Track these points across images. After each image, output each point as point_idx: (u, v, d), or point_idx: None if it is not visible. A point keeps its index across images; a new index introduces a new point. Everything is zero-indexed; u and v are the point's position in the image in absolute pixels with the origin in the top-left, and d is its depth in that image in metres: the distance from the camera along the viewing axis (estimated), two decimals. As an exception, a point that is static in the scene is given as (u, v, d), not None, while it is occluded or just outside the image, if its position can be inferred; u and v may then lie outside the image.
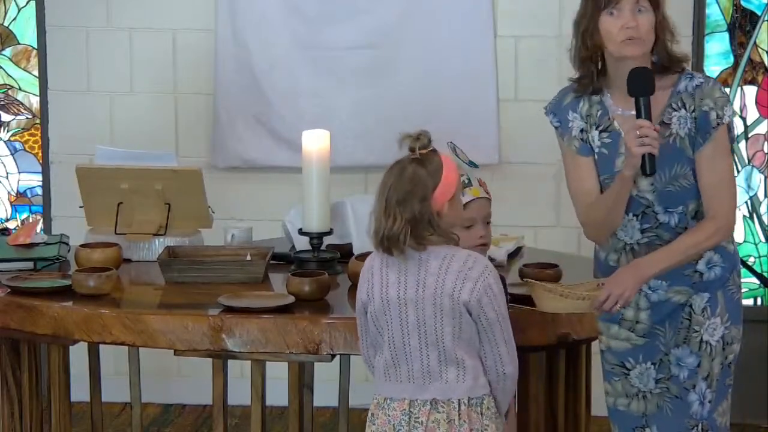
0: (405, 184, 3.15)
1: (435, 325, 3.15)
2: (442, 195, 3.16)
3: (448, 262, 3.15)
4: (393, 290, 3.17)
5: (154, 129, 5.62)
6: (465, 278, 3.13)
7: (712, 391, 3.29)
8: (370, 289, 3.21)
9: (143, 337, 3.71)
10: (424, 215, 3.13)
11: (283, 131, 5.48)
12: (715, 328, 3.30)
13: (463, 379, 3.17)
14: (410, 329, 3.17)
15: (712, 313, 3.30)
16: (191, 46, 5.59)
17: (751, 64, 5.46)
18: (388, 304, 3.18)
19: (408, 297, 3.16)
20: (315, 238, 4.14)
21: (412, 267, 3.17)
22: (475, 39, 5.46)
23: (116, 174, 4.34)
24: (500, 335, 3.18)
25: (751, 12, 5.44)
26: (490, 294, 3.14)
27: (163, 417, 5.57)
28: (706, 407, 3.30)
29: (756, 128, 5.48)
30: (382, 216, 3.16)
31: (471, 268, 3.14)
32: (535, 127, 5.25)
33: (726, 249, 3.30)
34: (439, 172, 3.16)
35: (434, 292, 3.14)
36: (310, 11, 5.49)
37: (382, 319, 3.20)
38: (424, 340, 3.17)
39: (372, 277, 3.22)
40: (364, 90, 5.49)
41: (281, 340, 3.63)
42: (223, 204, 4.89)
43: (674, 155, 3.26)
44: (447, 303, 3.13)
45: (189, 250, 4.24)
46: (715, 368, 3.29)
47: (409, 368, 3.19)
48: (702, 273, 3.30)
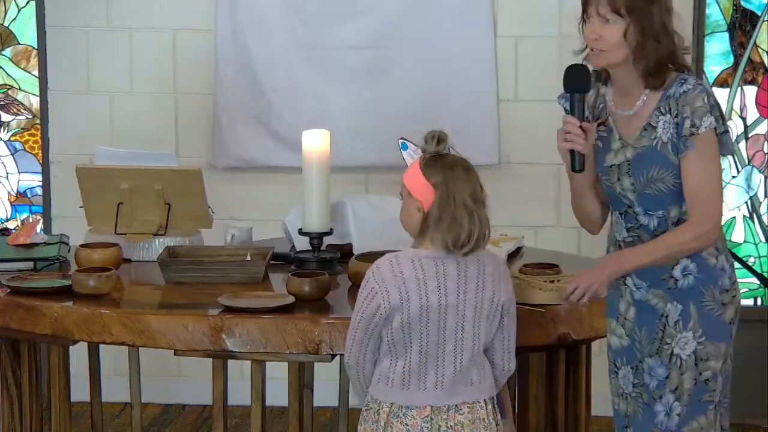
0: (474, 185, 3.16)
1: (474, 329, 3.17)
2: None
3: (483, 266, 3.18)
4: (434, 297, 3.15)
5: (154, 129, 5.61)
6: (500, 279, 3.18)
7: (683, 405, 3.26)
8: (405, 296, 3.16)
9: (143, 337, 3.71)
10: (486, 217, 3.18)
11: (283, 131, 5.48)
12: (687, 342, 3.27)
13: (484, 379, 3.22)
14: (447, 335, 3.17)
15: (684, 327, 3.27)
16: (191, 46, 5.59)
17: (751, 64, 5.46)
18: (427, 311, 3.16)
19: (449, 303, 3.15)
20: (315, 238, 4.13)
21: (451, 272, 3.16)
22: (475, 39, 5.46)
23: (116, 174, 4.34)
24: (514, 331, 3.23)
25: (751, 12, 5.44)
26: (511, 289, 3.22)
27: (163, 417, 5.57)
28: (673, 420, 3.28)
29: (756, 128, 5.48)
30: (464, 217, 3.12)
31: (498, 266, 3.20)
32: (535, 127, 5.26)
33: (706, 261, 3.26)
34: (474, 172, 3.21)
35: (475, 296, 3.16)
36: (311, 11, 5.49)
37: (416, 327, 3.17)
38: (460, 346, 3.18)
39: (405, 284, 3.16)
40: (365, 90, 5.49)
41: (281, 340, 3.63)
42: (223, 204, 4.89)
43: (655, 158, 3.26)
44: (487, 306, 3.16)
45: (189, 250, 4.23)
46: (686, 383, 3.26)
47: (439, 375, 3.18)
48: (677, 279, 3.28)
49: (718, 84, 5.47)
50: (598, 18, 3.24)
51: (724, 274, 3.28)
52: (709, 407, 3.26)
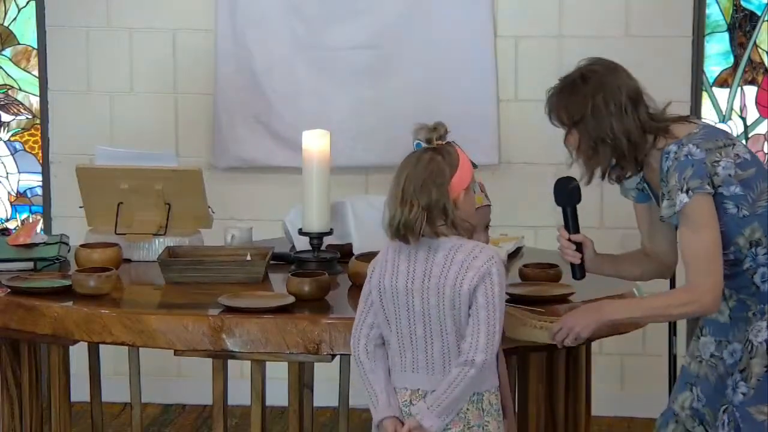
0: (422, 172, 3.18)
1: (439, 315, 3.17)
2: (459, 183, 3.19)
3: (454, 253, 3.17)
4: (402, 279, 3.20)
5: (154, 129, 5.62)
6: (468, 268, 3.15)
7: (749, 387, 3.32)
8: (382, 277, 3.24)
9: (143, 337, 3.71)
10: (440, 202, 3.16)
11: (283, 131, 5.48)
12: (760, 330, 3.33)
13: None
14: (416, 319, 3.19)
15: (761, 317, 3.34)
16: (191, 46, 5.60)
17: (751, 64, 5.46)
18: (397, 293, 3.20)
19: (415, 287, 3.18)
20: (315, 238, 4.13)
21: (421, 257, 3.19)
22: (475, 39, 5.46)
23: (116, 174, 4.34)
24: (484, 321, 3.15)
25: (751, 12, 5.44)
26: (487, 280, 3.14)
27: (163, 417, 5.57)
28: (738, 396, 3.34)
29: (756, 128, 5.48)
30: (398, 204, 3.18)
31: (476, 257, 3.16)
32: (535, 127, 5.25)
33: None
34: (457, 160, 3.21)
35: (438, 282, 3.16)
36: (311, 11, 5.49)
37: (390, 309, 3.22)
38: (429, 331, 3.19)
39: (385, 265, 3.24)
40: (365, 90, 5.49)
41: (281, 340, 3.63)
42: (223, 204, 4.90)
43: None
44: (449, 293, 3.15)
45: (189, 250, 4.23)
46: (755, 367, 3.32)
47: (414, 358, 3.21)
48: (758, 286, 3.35)
49: (718, 84, 5.47)
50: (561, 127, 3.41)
51: None
52: None
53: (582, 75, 3.36)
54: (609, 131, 3.31)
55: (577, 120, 3.33)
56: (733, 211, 3.30)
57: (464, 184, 3.21)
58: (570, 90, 3.35)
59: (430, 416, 3.16)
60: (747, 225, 3.31)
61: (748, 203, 3.30)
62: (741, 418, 3.32)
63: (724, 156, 3.28)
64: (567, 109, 3.34)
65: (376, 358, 3.28)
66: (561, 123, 3.38)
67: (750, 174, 3.30)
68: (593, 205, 5.21)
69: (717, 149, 3.29)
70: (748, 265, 3.34)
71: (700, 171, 3.26)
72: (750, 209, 3.30)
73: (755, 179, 3.31)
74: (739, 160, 3.30)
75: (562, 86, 3.38)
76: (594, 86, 3.32)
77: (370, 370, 3.28)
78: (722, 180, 3.27)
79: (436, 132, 3.23)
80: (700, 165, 3.26)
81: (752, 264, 3.33)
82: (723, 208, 3.29)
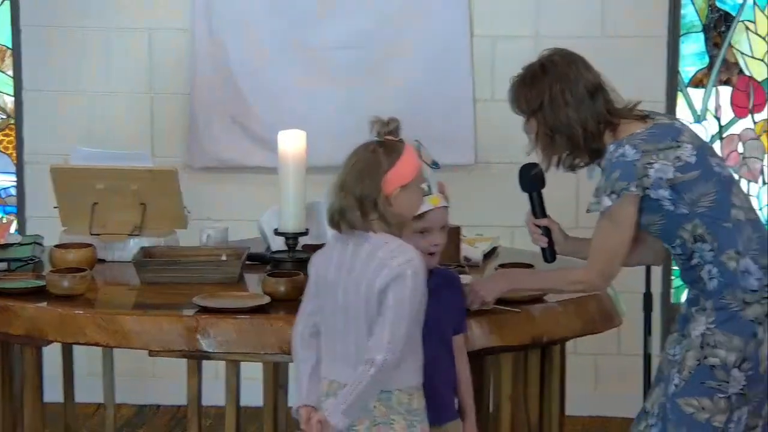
0: (360, 162, 3.22)
1: (356, 310, 3.19)
2: (394, 179, 3.19)
3: (377, 250, 3.18)
4: (332, 270, 3.24)
5: (129, 129, 5.60)
6: (384, 266, 3.16)
7: (681, 379, 3.36)
8: (319, 266, 3.29)
9: (117, 338, 3.69)
10: (371, 195, 3.18)
11: (260, 131, 5.47)
12: (698, 324, 3.36)
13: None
14: (338, 310, 3.22)
15: (702, 313, 3.37)
16: (168, 45, 5.58)
17: (726, 64, 5.48)
18: (327, 283, 3.24)
19: (340, 278, 3.21)
20: (291, 238, 4.13)
21: (350, 250, 3.22)
22: (452, 39, 5.46)
23: (91, 174, 4.33)
24: (389, 321, 3.14)
25: (726, 12, 5.46)
26: (399, 282, 3.14)
27: (137, 418, 5.56)
28: (671, 388, 3.38)
29: (730, 128, 5.50)
30: (336, 192, 3.22)
31: (394, 257, 3.16)
32: (512, 128, 5.24)
33: (725, 265, 3.35)
34: (397, 157, 3.22)
35: (358, 276, 3.18)
36: (288, 11, 5.48)
37: (322, 298, 3.27)
38: (347, 324, 3.21)
39: (324, 254, 3.30)
40: (342, 90, 5.49)
41: (256, 341, 3.63)
42: (198, 204, 4.88)
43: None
44: (364, 289, 3.16)
45: (164, 250, 4.22)
46: (688, 360, 3.35)
47: (335, 349, 3.24)
48: (705, 282, 3.38)
49: (693, 84, 5.49)
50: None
51: (750, 275, 3.34)
52: (717, 394, 3.32)
53: (542, 65, 3.46)
54: (565, 121, 3.39)
55: (535, 109, 3.42)
56: (670, 208, 3.35)
57: (402, 182, 3.20)
58: (530, 80, 3.45)
59: (337, 414, 3.17)
60: (687, 221, 3.35)
61: (686, 203, 3.34)
62: (670, 409, 3.36)
63: (662, 159, 3.33)
64: (526, 98, 3.44)
65: (310, 347, 3.31)
66: (521, 112, 3.47)
67: (691, 177, 3.34)
68: (569, 206, 5.22)
69: (656, 151, 3.33)
70: (696, 261, 3.38)
71: (627, 173, 3.32)
72: (689, 208, 3.34)
73: (697, 182, 3.34)
74: (680, 163, 3.34)
75: (523, 76, 3.48)
76: (552, 77, 3.42)
77: (302, 359, 3.31)
78: (652, 182, 3.32)
79: (386, 126, 3.26)
80: (630, 167, 3.32)
81: (700, 260, 3.37)
82: (659, 204, 3.35)
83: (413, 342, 3.22)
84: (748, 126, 5.49)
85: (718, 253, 3.34)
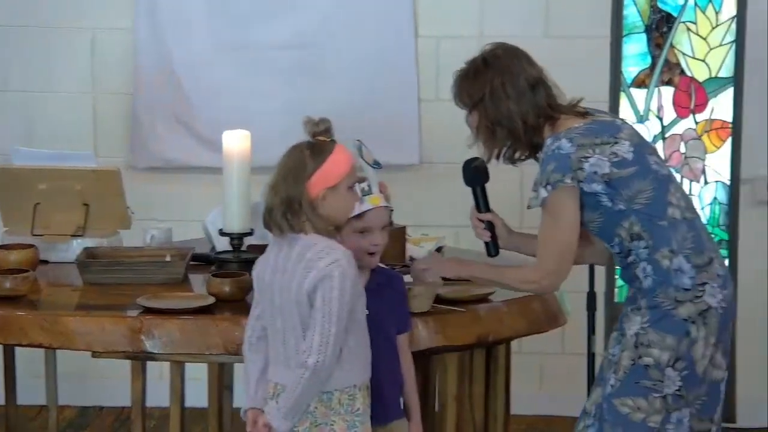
0: (288, 163, 3.22)
1: (290, 311, 3.19)
2: (319, 181, 3.18)
3: (306, 251, 3.18)
4: (268, 272, 3.24)
5: (72, 129, 5.57)
6: (311, 267, 3.16)
7: (617, 379, 3.37)
8: (258, 269, 3.30)
9: (60, 339, 3.66)
10: (296, 197, 3.18)
11: (204, 131, 5.45)
12: (634, 324, 3.38)
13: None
14: (275, 312, 3.23)
15: (637, 312, 3.39)
16: (110, 45, 5.55)
17: (668, 65, 5.52)
18: (264, 286, 3.25)
19: (275, 280, 3.22)
20: (236, 238, 4.12)
21: (283, 251, 3.22)
22: (396, 39, 5.47)
23: (33, 174, 4.30)
24: (319, 323, 3.14)
25: (668, 14, 5.50)
26: (327, 283, 3.14)
27: (80, 419, 5.52)
28: (607, 388, 3.39)
29: (673, 128, 5.54)
30: (268, 192, 3.23)
31: (321, 258, 3.16)
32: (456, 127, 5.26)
33: (659, 263, 3.37)
34: (323, 158, 3.20)
35: (288, 278, 3.18)
36: (232, 10, 5.47)
37: (262, 300, 3.28)
38: (285, 325, 3.21)
39: (263, 257, 3.30)
40: (287, 90, 5.48)
41: (201, 341, 3.61)
42: (142, 204, 4.85)
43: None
44: (294, 290, 3.17)
45: (108, 251, 4.20)
46: (623, 360, 3.37)
47: (279, 350, 3.24)
48: (641, 280, 3.40)
49: (636, 85, 5.53)
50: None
51: (683, 274, 3.36)
52: (652, 394, 3.34)
53: (484, 59, 3.49)
54: (506, 113, 3.43)
55: (477, 101, 3.45)
56: (608, 204, 3.37)
57: (328, 183, 3.19)
58: (473, 73, 3.48)
59: (278, 417, 3.19)
60: (625, 218, 3.37)
61: (623, 199, 3.36)
62: (607, 409, 3.38)
63: (598, 153, 3.36)
64: (468, 91, 3.48)
65: (258, 350, 3.31)
66: (464, 105, 3.50)
67: (627, 173, 3.36)
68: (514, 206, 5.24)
69: (592, 146, 3.36)
70: (632, 259, 3.40)
71: (562, 165, 3.35)
72: (626, 204, 3.37)
73: (633, 178, 3.37)
74: (616, 159, 3.36)
75: (466, 70, 3.51)
76: (494, 70, 3.45)
77: (250, 360, 3.32)
78: (585, 176, 3.34)
79: (317, 127, 3.25)
80: (565, 159, 3.35)
81: (636, 258, 3.40)
82: (597, 200, 3.37)
83: (354, 341, 3.22)
84: (690, 126, 5.54)
85: (653, 251, 3.37)
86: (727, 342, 3.41)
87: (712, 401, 3.41)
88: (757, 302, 5.51)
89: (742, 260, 5.50)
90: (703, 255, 3.38)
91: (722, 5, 5.46)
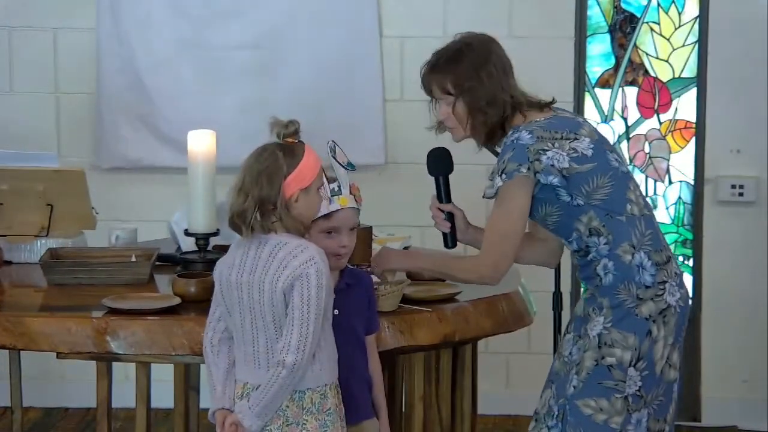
0: (260, 164, 3.20)
1: (262, 311, 3.18)
2: (296, 182, 3.19)
3: (278, 251, 3.18)
4: (235, 273, 3.23)
5: (35, 129, 5.54)
6: (285, 266, 3.16)
7: (579, 380, 3.38)
8: (223, 269, 3.28)
9: (24, 340, 3.64)
10: (271, 198, 3.17)
11: (168, 131, 5.44)
12: (596, 325, 3.39)
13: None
14: (245, 312, 3.22)
15: (599, 312, 3.40)
16: (73, 45, 5.53)
17: (632, 65, 5.55)
18: (230, 286, 3.24)
19: (243, 280, 3.21)
20: (201, 238, 4.10)
21: (252, 251, 3.21)
22: (361, 39, 5.47)
23: (-5, 175, 4.27)
24: (297, 321, 3.14)
25: (631, 14, 5.53)
26: (303, 281, 3.14)
27: (45, 421, 5.49)
28: (570, 389, 3.40)
29: (637, 128, 5.57)
30: (235, 194, 3.21)
31: (295, 257, 3.16)
32: (421, 127, 5.28)
33: (621, 258, 3.38)
34: (297, 160, 3.21)
35: (259, 277, 3.18)
36: (195, 11, 5.46)
37: (228, 301, 3.26)
38: (255, 325, 3.21)
39: (227, 257, 3.28)
40: (251, 90, 5.47)
41: (167, 342, 3.60)
42: (107, 205, 4.83)
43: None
44: (267, 290, 3.17)
45: (72, 251, 4.18)
46: (586, 361, 3.38)
47: (246, 351, 3.23)
48: (601, 277, 3.41)
49: (600, 85, 5.55)
50: (440, 99, 3.49)
51: (644, 271, 3.38)
52: (614, 394, 3.35)
53: (464, 43, 3.47)
54: (500, 88, 3.42)
55: (467, 84, 3.42)
56: (566, 198, 3.38)
57: (302, 184, 3.20)
58: (455, 56, 3.45)
59: (250, 416, 3.18)
60: (583, 213, 3.39)
61: (582, 194, 3.38)
62: (569, 410, 3.39)
63: (557, 147, 3.37)
64: (455, 73, 3.43)
65: (220, 352, 3.30)
66: (446, 91, 3.45)
67: (587, 168, 3.37)
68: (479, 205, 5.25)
69: (552, 140, 3.37)
70: (592, 256, 3.41)
71: (519, 155, 3.35)
72: (584, 199, 3.38)
73: (592, 174, 3.38)
74: (575, 154, 3.38)
75: (444, 56, 3.47)
76: (479, 51, 3.44)
77: (213, 363, 3.30)
78: (543, 167, 3.35)
79: (286, 128, 3.24)
80: (523, 149, 3.36)
81: (596, 255, 3.41)
82: (556, 194, 3.38)
83: (324, 340, 3.22)
84: (654, 126, 5.57)
85: (614, 246, 3.38)
86: (682, 343, 3.44)
87: (667, 401, 3.43)
88: (721, 301, 5.55)
89: (707, 260, 5.54)
90: (662, 253, 3.41)
91: (685, 6, 5.50)
